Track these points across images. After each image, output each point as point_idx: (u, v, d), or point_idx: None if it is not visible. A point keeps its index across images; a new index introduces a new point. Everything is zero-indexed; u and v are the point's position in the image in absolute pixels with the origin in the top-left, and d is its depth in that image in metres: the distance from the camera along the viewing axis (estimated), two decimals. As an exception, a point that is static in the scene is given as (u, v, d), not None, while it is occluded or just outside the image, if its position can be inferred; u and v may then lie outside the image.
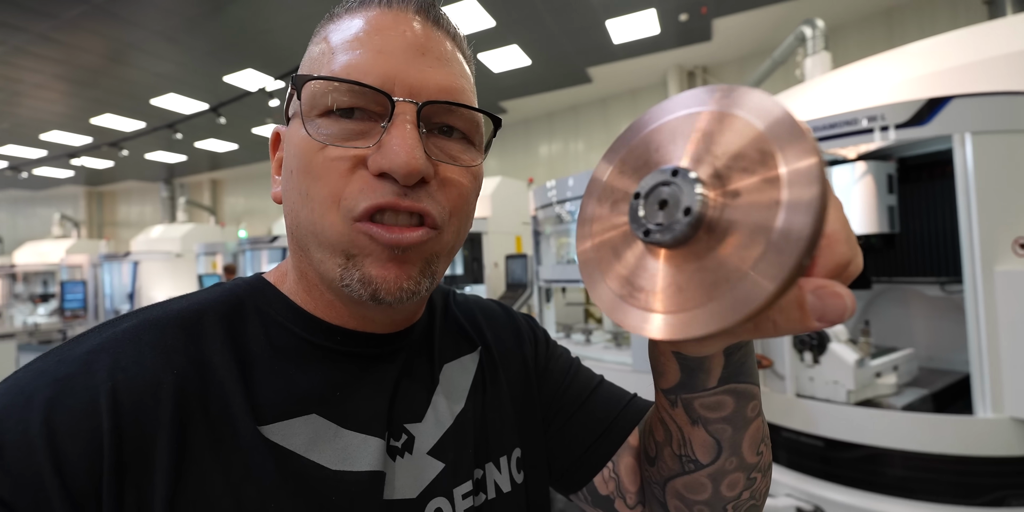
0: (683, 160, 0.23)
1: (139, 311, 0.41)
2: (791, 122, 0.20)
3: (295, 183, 0.40)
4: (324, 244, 0.39)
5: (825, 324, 0.24)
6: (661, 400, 0.42)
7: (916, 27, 5.10)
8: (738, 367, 0.37)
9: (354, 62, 0.38)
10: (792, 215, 0.19)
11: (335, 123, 0.38)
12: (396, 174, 0.36)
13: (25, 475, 0.30)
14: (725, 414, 0.39)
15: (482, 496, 0.48)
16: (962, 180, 1.41)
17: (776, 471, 1.70)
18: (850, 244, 0.26)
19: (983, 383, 1.37)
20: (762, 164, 0.20)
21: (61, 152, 8.89)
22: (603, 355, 2.53)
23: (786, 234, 0.20)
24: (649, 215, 0.23)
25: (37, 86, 6.21)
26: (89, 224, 12.73)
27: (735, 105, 0.22)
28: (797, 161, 0.20)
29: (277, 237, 5.41)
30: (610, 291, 0.26)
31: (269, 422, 0.38)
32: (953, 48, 1.67)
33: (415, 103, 0.38)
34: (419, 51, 0.40)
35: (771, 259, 0.20)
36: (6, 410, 0.32)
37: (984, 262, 1.38)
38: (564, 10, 4.87)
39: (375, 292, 0.38)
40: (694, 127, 0.23)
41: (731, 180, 0.21)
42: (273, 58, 5.61)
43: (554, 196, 2.73)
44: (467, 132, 0.43)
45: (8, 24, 4.68)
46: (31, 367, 0.35)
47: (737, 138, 0.21)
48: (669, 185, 0.23)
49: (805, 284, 0.23)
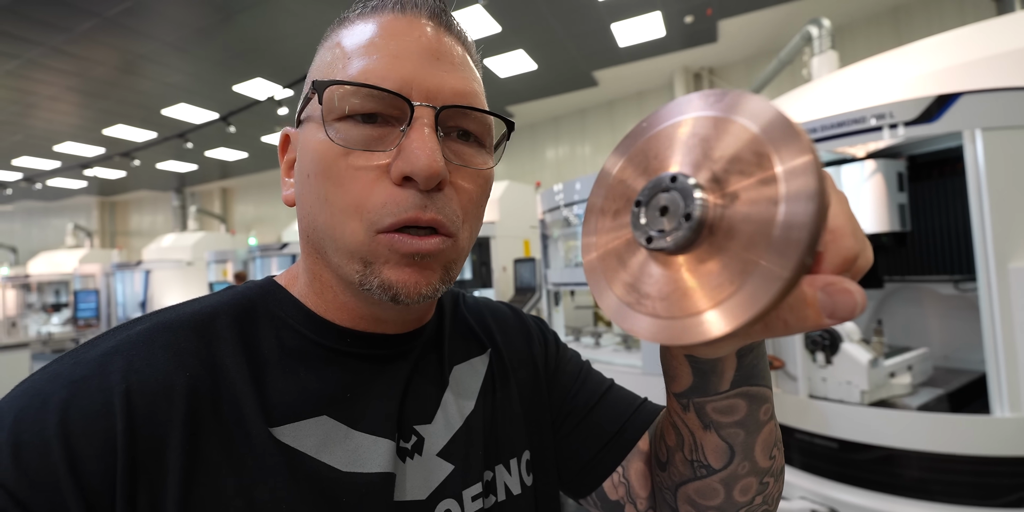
0: (681, 166, 0.23)
1: (152, 314, 0.42)
2: (784, 123, 0.21)
3: (313, 187, 0.40)
4: (342, 249, 0.39)
5: (836, 321, 0.23)
6: (673, 404, 0.42)
7: (923, 25, 5.07)
8: (750, 370, 0.37)
9: (371, 67, 0.39)
10: (792, 207, 0.20)
11: (354, 128, 0.39)
12: (418, 177, 0.37)
13: (41, 475, 0.31)
14: (738, 418, 0.38)
15: (492, 498, 0.48)
16: (973, 177, 1.40)
17: (790, 473, 1.68)
18: (857, 237, 0.26)
19: (1000, 382, 1.35)
20: (758, 165, 0.21)
21: (74, 163, 9.03)
22: (613, 358, 2.52)
23: (788, 227, 0.20)
24: (651, 222, 0.23)
25: (51, 98, 6.33)
26: (102, 234, 12.90)
27: (729, 109, 0.22)
28: (792, 159, 0.20)
29: (287, 244, 5.45)
30: (616, 299, 0.26)
31: (280, 424, 0.38)
32: (961, 44, 1.66)
33: (433, 107, 0.39)
34: (434, 56, 0.40)
35: (776, 254, 0.20)
36: (23, 412, 0.33)
37: (998, 259, 1.36)
38: (569, 14, 4.89)
39: (395, 295, 0.39)
40: (690, 133, 0.23)
41: (729, 183, 0.22)
42: (281, 67, 5.67)
43: (561, 199, 2.73)
44: (479, 136, 0.43)
45: (23, 38, 4.78)
46: (47, 370, 0.36)
47: (733, 142, 0.22)
48: (668, 191, 0.23)
49: (814, 281, 0.23)
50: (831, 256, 0.24)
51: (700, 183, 0.22)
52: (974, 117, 1.40)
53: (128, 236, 13.23)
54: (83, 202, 12.96)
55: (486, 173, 0.44)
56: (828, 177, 0.23)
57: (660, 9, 4.92)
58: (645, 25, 5.23)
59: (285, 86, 5.80)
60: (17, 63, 5.31)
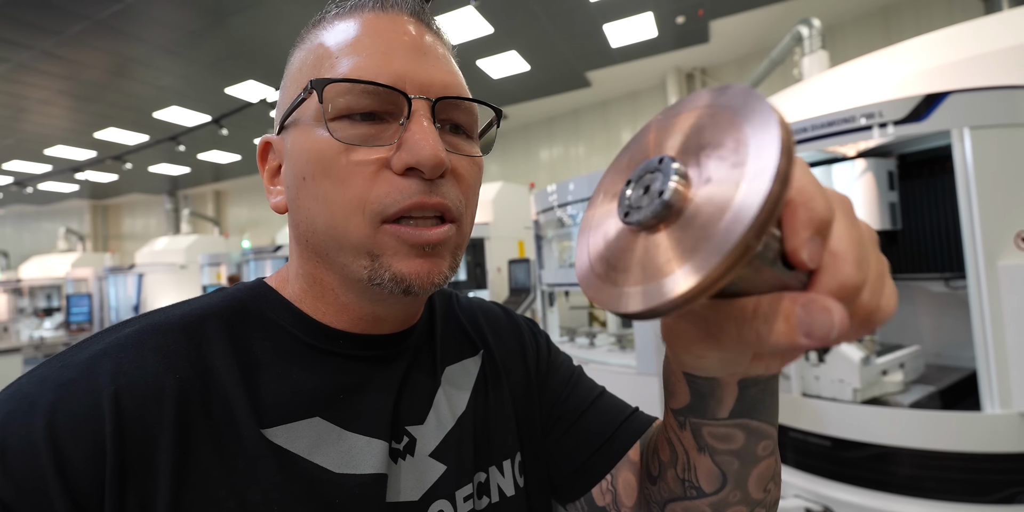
0: (672, 151, 0.25)
1: (141, 316, 0.41)
2: (765, 114, 0.21)
3: (310, 189, 0.40)
4: (347, 247, 0.40)
5: (814, 341, 0.21)
6: (670, 419, 0.41)
7: (913, 24, 5.11)
8: (753, 404, 0.35)
9: (363, 64, 0.39)
10: (749, 186, 0.20)
11: (351, 126, 0.39)
12: (424, 167, 0.38)
13: (28, 479, 0.30)
14: (734, 448, 0.37)
15: (485, 499, 0.48)
16: (962, 175, 1.41)
17: (784, 472, 1.69)
18: (860, 267, 0.22)
19: (990, 379, 1.36)
20: (735, 152, 0.22)
21: (65, 166, 8.96)
22: (607, 358, 2.53)
23: (739, 207, 0.20)
24: (634, 199, 0.25)
25: (41, 102, 6.28)
26: (94, 237, 12.82)
27: (726, 102, 0.24)
28: (761, 146, 0.21)
29: (280, 247, 5.42)
30: (588, 266, 0.27)
31: (272, 425, 0.38)
32: (949, 44, 1.67)
33: (429, 100, 0.40)
34: (420, 51, 0.41)
35: (723, 233, 0.20)
36: (9, 415, 0.32)
37: (987, 257, 1.37)
38: (562, 15, 4.90)
39: (408, 287, 0.39)
40: (691, 123, 0.25)
41: (708, 168, 0.23)
42: (274, 69, 5.65)
43: (555, 200, 2.73)
44: (468, 127, 0.44)
45: (12, 42, 4.74)
46: (34, 373, 0.35)
47: (719, 131, 0.23)
48: (654, 173, 0.24)
49: (797, 297, 0.22)
50: (826, 279, 0.22)
51: (681, 166, 0.23)
52: (962, 116, 1.41)
53: (121, 239, 13.14)
54: (75, 206, 12.87)
55: (479, 161, 0.45)
56: (800, 167, 0.23)
57: (652, 10, 4.94)
58: (637, 26, 5.25)
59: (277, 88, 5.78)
60: (7, 67, 5.27)
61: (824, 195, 0.23)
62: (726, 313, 0.25)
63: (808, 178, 0.23)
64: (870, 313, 0.23)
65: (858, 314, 0.23)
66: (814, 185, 0.23)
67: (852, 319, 0.23)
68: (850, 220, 0.24)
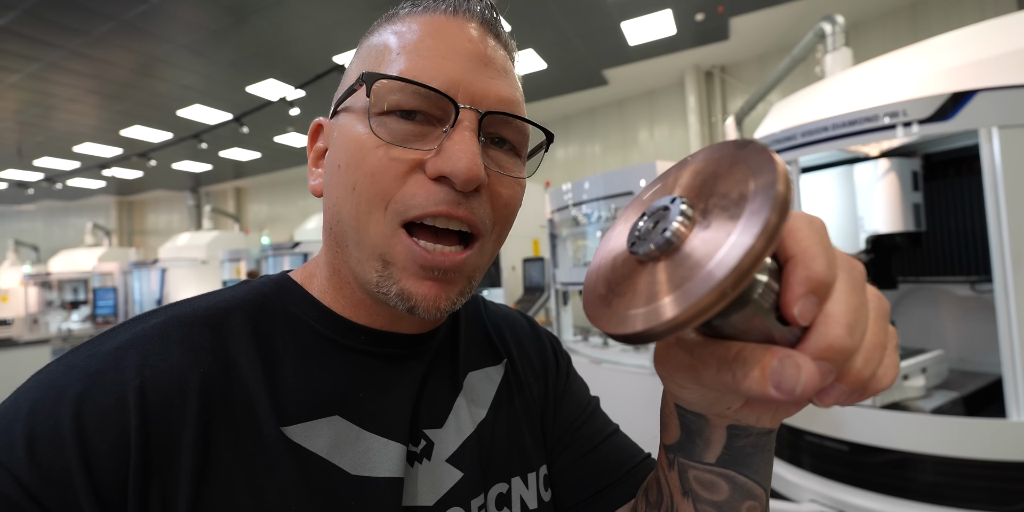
0: (686, 193, 0.27)
1: (167, 307, 0.41)
2: (769, 176, 0.23)
3: (343, 177, 0.40)
4: (363, 242, 0.39)
5: (781, 395, 0.22)
6: (662, 458, 0.40)
7: (941, 21, 4.97)
8: (743, 456, 0.34)
9: (420, 65, 0.39)
10: (736, 239, 0.22)
11: (396, 123, 0.39)
12: (456, 179, 0.37)
13: (55, 469, 0.30)
14: (717, 500, 0.36)
15: (506, 510, 0.47)
16: (990, 176, 1.37)
17: (800, 476, 1.66)
18: (852, 331, 0.22)
19: (1016, 385, 1.32)
20: (736, 204, 0.23)
21: (93, 163, 9.19)
22: (621, 358, 2.51)
23: (730, 249, 0.22)
24: (643, 231, 0.27)
25: (70, 100, 6.45)
26: (120, 233, 13.12)
27: (744, 156, 0.25)
28: (760, 204, 0.22)
29: (299, 243, 5.50)
30: (594, 292, 0.29)
31: (292, 423, 0.38)
32: (978, 41, 1.62)
33: (477, 111, 0.39)
34: (482, 61, 0.41)
35: (716, 267, 0.22)
36: (38, 403, 0.33)
37: (1015, 259, 1.33)
38: (579, 13, 4.87)
39: (413, 308, 0.39)
40: (711, 169, 0.27)
41: (711, 214, 0.25)
42: (294, 68, 5.72)
43: (570, 199, 2.72)
44: (517, 145, 0.43)
45: (43, 41, 4.87)
46: (62, 361, 0.36)
47: (730, 182, 0.25)
48: (666, 210, 0.26)
49: (779, 350, 0.23)
50: (814, 337, 0.22)
51: (689, 208, 0.25)
52: (990, 115, 1.37)
53: (145, 235, 13.44)
54: (101, 202, 13.19)
55: (521, 182, 0.44)
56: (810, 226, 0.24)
57: (671, 7, 4.88)
58: (656, 23, 5.19)
59: (297, 87, 5.84)
60: (39, 66, 5.41)
61: (829, 257, 0.23)
62: (712, 350, 0.26)
63: (815, 238, 0.24)
64: (863, 381, 0.23)
65: (849, 380, 0.23)
66: (820, 246, 0.23)
67: (843, 384, 0.23)
68: (853, 286, 0.24)
